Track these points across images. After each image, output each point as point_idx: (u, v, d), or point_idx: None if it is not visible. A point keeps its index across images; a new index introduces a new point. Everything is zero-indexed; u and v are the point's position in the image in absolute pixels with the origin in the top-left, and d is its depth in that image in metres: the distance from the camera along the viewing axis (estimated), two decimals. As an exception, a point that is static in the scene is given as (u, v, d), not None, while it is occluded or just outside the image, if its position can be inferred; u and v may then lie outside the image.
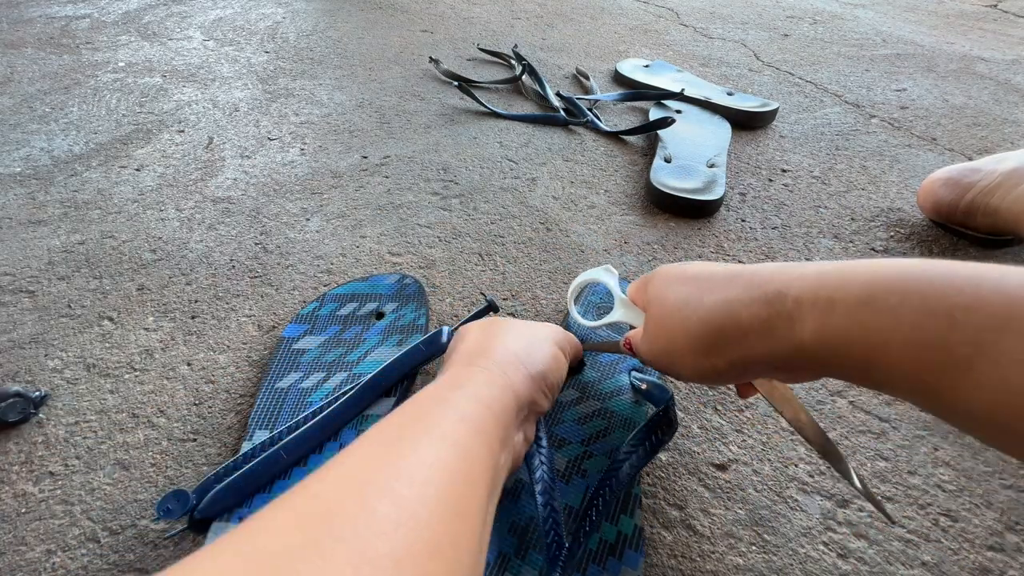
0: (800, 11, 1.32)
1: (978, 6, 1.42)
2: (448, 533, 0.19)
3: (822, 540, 0.36)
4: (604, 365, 0.43)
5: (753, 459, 0.40)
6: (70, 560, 0.34)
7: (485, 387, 0.27)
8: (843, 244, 0.60)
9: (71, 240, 0.56)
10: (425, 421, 0.24)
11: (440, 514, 0.19)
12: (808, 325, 0.23)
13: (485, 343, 0.32)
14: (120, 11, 1.12)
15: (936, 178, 0.61)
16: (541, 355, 0.32)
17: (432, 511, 0.19)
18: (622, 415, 0.40)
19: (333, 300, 0.48)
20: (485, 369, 0.29)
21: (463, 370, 0.29)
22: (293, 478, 0.35)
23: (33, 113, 0.77)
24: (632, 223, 0.62)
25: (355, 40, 1.05)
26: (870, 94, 0.93)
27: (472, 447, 0.23)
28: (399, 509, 0.18)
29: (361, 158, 0.71)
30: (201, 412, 0.42)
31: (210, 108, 0.80)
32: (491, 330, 0.34)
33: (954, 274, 0.21)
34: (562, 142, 0.77)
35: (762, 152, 0.76)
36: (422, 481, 0.20)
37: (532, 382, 0.30)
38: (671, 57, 1.04)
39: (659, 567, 0.34)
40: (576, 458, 0.37)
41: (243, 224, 0.60)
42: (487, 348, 0.31)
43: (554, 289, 0.54)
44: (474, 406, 0.26)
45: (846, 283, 0.23)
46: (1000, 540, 0.36)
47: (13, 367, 0.44)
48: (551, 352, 0.33)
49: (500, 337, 0.32)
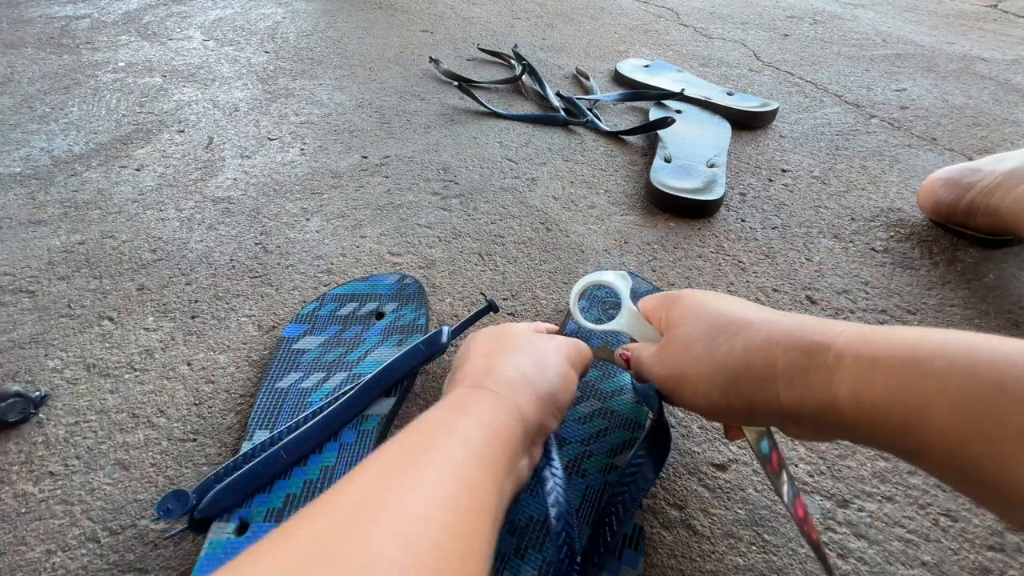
0: (800, 11, 1.32)
1: (978, 6, 1.42)
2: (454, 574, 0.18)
3: (822, 540, 0.36)
4: (605, 364, 0.43)
5: (753, 459, 0.40)
6: (70, 560, 0.34)
7: (492, 413, 0.26)
8: (843, 244, 0.60)
9: (71, 240, 0.56)
10: (431, 450, 0.23)
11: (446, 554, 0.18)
12: (847, 382, 0.23)
13: (493, 361, 0.31)
14: (120, 11, 1.12)
15: (936, 178, 0.61)
16: (551, 374, 0.31)
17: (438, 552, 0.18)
18: (622, 415, 0.40)
19: (333, 300, 0.48)
20: (494, 393, 0.28)
21: (471, 393, 0.28)
22: (293, 478, 0.35)
23: (33, 113, 0.77)
24: (632, 223, 0.62)
25: (355, 40, 1.05)
26: (870, 94, 0.93)
27: (479, 479, 0.23)
28: (404, 552, 0.18)
29: (361, 158, 0.71)
30: (201, 412, 0.42)
31: (210, 108, 0.81)
32: (500, 345, 0.32)
33: (1002, 343, 0.20)
34: (562, 142, 0.77)
35: (762, 152, 0.76)
36: (427, 520, 0.19)
37: (541, 405, 0.29)
38: (671, 57, 1.04)
39: (659, 567, 0.34)
40: (576, 458, 0.37)
41: (243, 224, 0.60)
42: (495, 368, 0.30)
43: (554, 289, 0.54)
44: (481, 434, 0.25)
45: (891, 344, 0.22)
46: (1000, 540, 0.36)
47: (13, 367, 0.44)
48: (561, 370, 0.32)
49: (509, 355, 0.31)
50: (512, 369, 0.30)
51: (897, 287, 0.55)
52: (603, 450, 0.38)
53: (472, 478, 0.22)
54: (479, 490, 0.22)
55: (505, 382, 0.29)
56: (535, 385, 0.29)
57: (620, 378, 0.43)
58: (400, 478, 0.21)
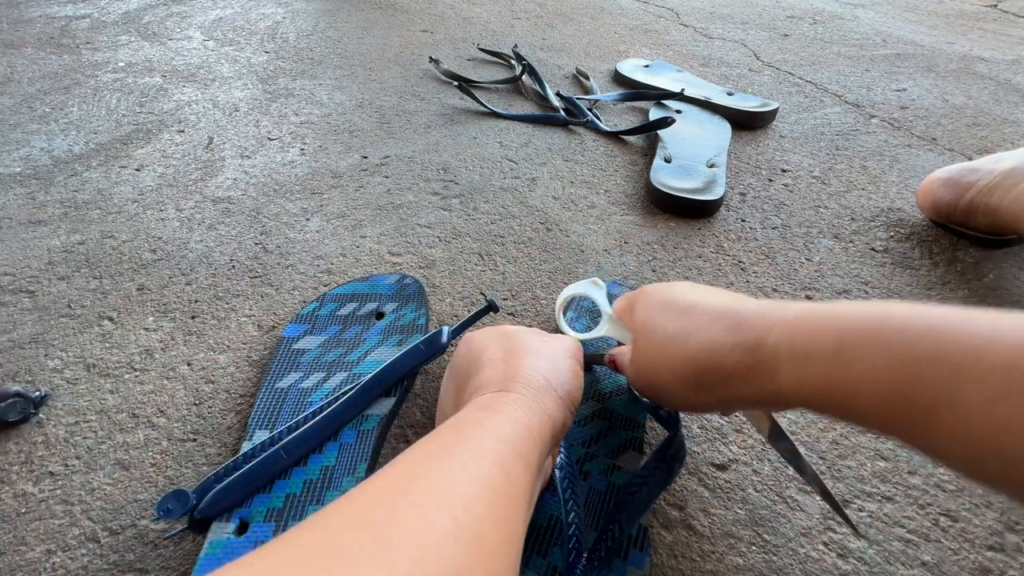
0: (800, 11, 1.32)
1: (978, 6, 1.42)
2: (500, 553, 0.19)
3: (822, 540, 0.36)
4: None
5: (753, 459, 0.40)
6: (70, 560, 0.34)
7: (524, 412, 0.27)
8: (843, 244, 0.60)
9: (71, 240, 0.56)
10: (467, 441, 0.24)
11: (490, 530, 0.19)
12: (786, 376, 0.25)
13: (514, 365, 0.31)
14: (120, 11, 1.12)
15: (935, 178, 0.61)
16: (566, 374, 0.31)
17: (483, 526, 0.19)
18: (622, 414, 0.40)
19: (333, 300, 0.48)
20: (521, 395, 0.28)
21: (500, 396, 0.28)
22: (293, 478, 0.35)
23: (33, 113, 0.77)
24: (632, 223, 0.62)
25: (355, 40, 1.05)
26: (870, 94, 0.93)
27: (515, 467, 0.23)
28: (457, 524, 0.18)
29: (361, 158, 0.71)
30: (201, 412, 0.42)
31: (210, 108, 0.80)
32: (515, 347, 0.32)
33: (916, 321, 0.22)
34: (562, 142, 0.77)
35: (762, 152, 0.76)
36: (472, 497, 0.20)
37: (563, 404, 0.30)
38: (671, 57, 1.04)
39: (659, 567, 0.34)
40: (578, 460, 0.37)
41: (243, 224, 0.60)
42: (516, 370, 0.30)
43: (554, 289, 0.53)
44: (516, 431, 0.25)
45: (819, 333, 0.24)
46: (1000, 540, 0.36)
47: (13, 367, 0.44)
48: (573, 369, 0.32)
49: (525, 357, 0.31)
50: (534, 371, 0.30)
51: (897, 287, 0.55)
52: (605, 451, 0.38)
53: (508, 465, 0.23)
54: (515, 479, 0.23)
55: (531, 384, 0.29)
56: (556, 387, 0.30)
57: (618, 377, 0.43)
58: (443, 461, 0.22)
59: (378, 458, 0.38)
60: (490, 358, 0.32)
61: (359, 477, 0.35)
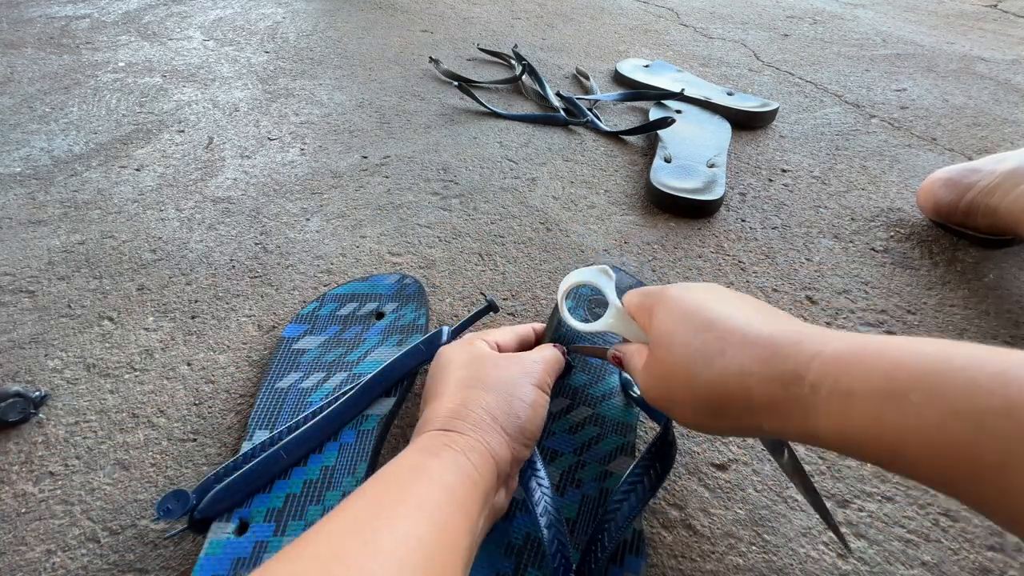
0: (800, 11, 1.32)
1: (978, 6, 1.42)
2: None
3: (822, 540, 0.36)
4: (594, 367, 0.42)
5: (753, 459, 0.40)
6: (70, 560, 0.34)
7: (463, 454, 0.27)
8: (843, 244, 0.60)
9: (71, 240, 0.56)
10: (403, 491, 0.24)
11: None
12: (824, 416, 0.22)
13: (462, 400, 0.31)
14: (120, 11, 1.12)
15: (936, 178, 0.61)
16: (520, 407, 0.31)
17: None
18: (614, 420, 0.39)
19: (333, 300, 0.48)
20: (465, 435, 0.28)
21: (440, 436, 0.28)
22: (293, 478, 0.35)
23: (33, 113, 0.77)
24: (632, 223, 0.62)
25: (355, 40, 1.05)
26: (870, 94, 0.93)
27: (451, 518, 0.23)
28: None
29: (361, 158, 0.71)
30: (201, 412, 0.42)
31: (210, 108, 0.81)
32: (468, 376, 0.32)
33: (981, 369, 0.19)
34: (562, 142, 0.77)
35: (762, 152, 0.76)
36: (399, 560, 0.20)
37: (512, 442, 0.30)
38: (671, 57, 1.04)
39: (659, 567, 0.34)
40: (570, 468, 0.36)
41: (243, 224, 0.60)
42: (465, 406, 0.30)
43: (554, 289, 0.53)
44: (454, 475, 0.25)
45: (867, 372, 0.21)
46: (1000, 540, 0.36)
47: (13, 367, 0.44)
48: (531, 398, 0.32)
49: (478, 393, 0.31)
50: (482, 409, 0.30)
51: (897, 287, 0.55)
52: (597, 458, 0.37)
53: (444, 517, 0.23)
54: (451, 529, 0.23)
55: (475, 423, 0.29)
56: (505, 425, 0.30)
57: (609, 380, 0.41)
58: (373, 521, 0.22)
59: (378, 458, 0.38)
60: (444, 388, 0.32)
61: (359, 477, 0.35)
